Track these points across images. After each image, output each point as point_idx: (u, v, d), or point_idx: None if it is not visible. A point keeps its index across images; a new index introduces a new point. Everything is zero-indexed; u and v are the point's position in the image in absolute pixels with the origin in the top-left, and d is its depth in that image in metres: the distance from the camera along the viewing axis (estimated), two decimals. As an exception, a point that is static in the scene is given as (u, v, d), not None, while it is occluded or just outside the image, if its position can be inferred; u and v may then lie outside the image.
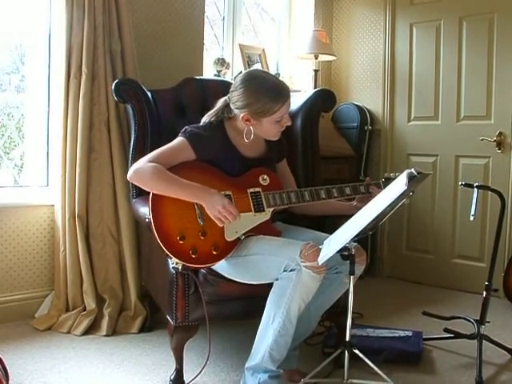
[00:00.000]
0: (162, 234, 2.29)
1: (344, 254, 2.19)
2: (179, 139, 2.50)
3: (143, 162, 2.41)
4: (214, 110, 2.61)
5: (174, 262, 2.33)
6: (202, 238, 2.32)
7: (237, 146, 2.56)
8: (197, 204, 2.35)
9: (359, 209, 2.39)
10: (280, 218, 2.70)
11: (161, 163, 2.38)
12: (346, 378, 2.30)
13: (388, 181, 2.45)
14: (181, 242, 2.29)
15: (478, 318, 2.84)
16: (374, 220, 2.09)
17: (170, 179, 2.34)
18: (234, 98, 2.50)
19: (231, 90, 2.55)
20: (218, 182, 2.45)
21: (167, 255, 2.30)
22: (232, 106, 2.53)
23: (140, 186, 2.43)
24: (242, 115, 2.47)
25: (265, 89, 2.45)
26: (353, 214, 2.26)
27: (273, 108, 2.43)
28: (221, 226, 2.34)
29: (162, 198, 2.35)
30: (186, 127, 2.53)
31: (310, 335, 2.68)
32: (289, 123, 2.54)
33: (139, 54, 3.43)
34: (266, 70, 4.33)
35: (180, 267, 2.32)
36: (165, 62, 3.68)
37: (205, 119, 2.62)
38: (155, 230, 2.29)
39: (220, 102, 2.60)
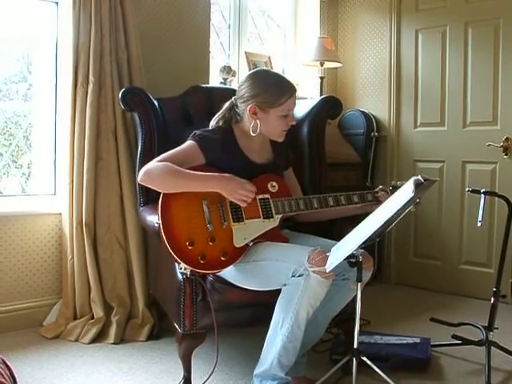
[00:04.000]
0: (171, 239, 2.29)
1: (351, 260, 2.20)
2: (189, 142, 2.51)
3: (152, 162, 2.42)
4: (220, 113, 2.66)
5: (182, 268, 2.34)
6: (211, 243, 2.33)
7: (245, 150, 2.58)
8: (207, 207, 2.36)
9: (366, 209, 2.42)
10: (287, 225, 2.70)
11: None
12: (354, 385, 2.31)
13: (395, 189, 2.45)
14: (189, 248, 2.29)
15: (486, 325, 2.83)
16: (380, 227, 2.09)
17: (181, 172, 2.35)
18: (242, 91, 2.55)
19: (238, 88, 2.61)
20: None
21: (176, 260, 2.30)
22: (239, 102, 2.57)
23: (151, 186, 2.42)
24: (249, 107, 2.51)
25: (272, 80, 2.56)
26: (360, 218, 2.27)
27: (280, 98, 2.48)
28: (244, 206, 2.37)
29: (171, 203, 2.35)
30: (196, 131, 2.54)
31: (317, 342, 2.68)
32: (293, 122, 2.57)
33: (145, 62, 3.44)
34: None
35: (188, 272, 2.33)
36: (171, 69, 3.69)
37: (212, 123, 2.66)
38: (164, 235, 2.29)
39: (226, 105, 2.65)
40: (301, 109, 3.16)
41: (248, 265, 2.36)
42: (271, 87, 2.51)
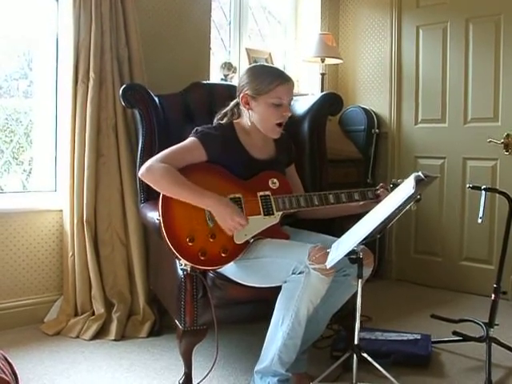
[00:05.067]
0: (172, 235, 2.30)
1: (352, 257, 2.19)
2: (190, 139, 2.51)
3: (155, 161, 2.41)
4: (225, 110, 2.68)
5: (182, 264, 2.34)
6: (211, 240, 2.33)
7: (246, 146, 2.58)
8: None
9: (367, 207, 2.41)
10: (288, 222, 2.70)
11: (172, 163, 2.39)
12: (354, 381, 2.30)
13: (395, 187, 2.44)
14: (190, 244, 2.29)
15: (487, 321, 2.83)
16: (381, 223, 2.09)
17: (182, 183, 2.34)
18: (239, 84, 2.59)
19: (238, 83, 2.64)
20: (228, 184, 2.46)
21: (176, 257, 2.30)
22: (238, 96, 2.59)
23: (151, 185, 2.42)
24: (241, 96, 2.54)
25: (264, 70, 2.62)
26: (361, 215, 2.27)
27: (269, 85, 2.49)
28: (230, 234, 2.35)
29: (172, 199, 2.35)
30: (197, 128, 2.54)
31: (318, 338, 2.68)
32: (288, 113, 2.56)
33: (146, 59, 3.44)
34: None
35: (188, 268, 2.33)
36: (171, 66, 3.69)
37: (216, 119, 2.67)
38: (165, 231, 2.30)
39: (232, 102, 2.67)
40: (301, 105, 3.16)
41: (248, 261, 2.36)
42: (262, 75, 2.53)
